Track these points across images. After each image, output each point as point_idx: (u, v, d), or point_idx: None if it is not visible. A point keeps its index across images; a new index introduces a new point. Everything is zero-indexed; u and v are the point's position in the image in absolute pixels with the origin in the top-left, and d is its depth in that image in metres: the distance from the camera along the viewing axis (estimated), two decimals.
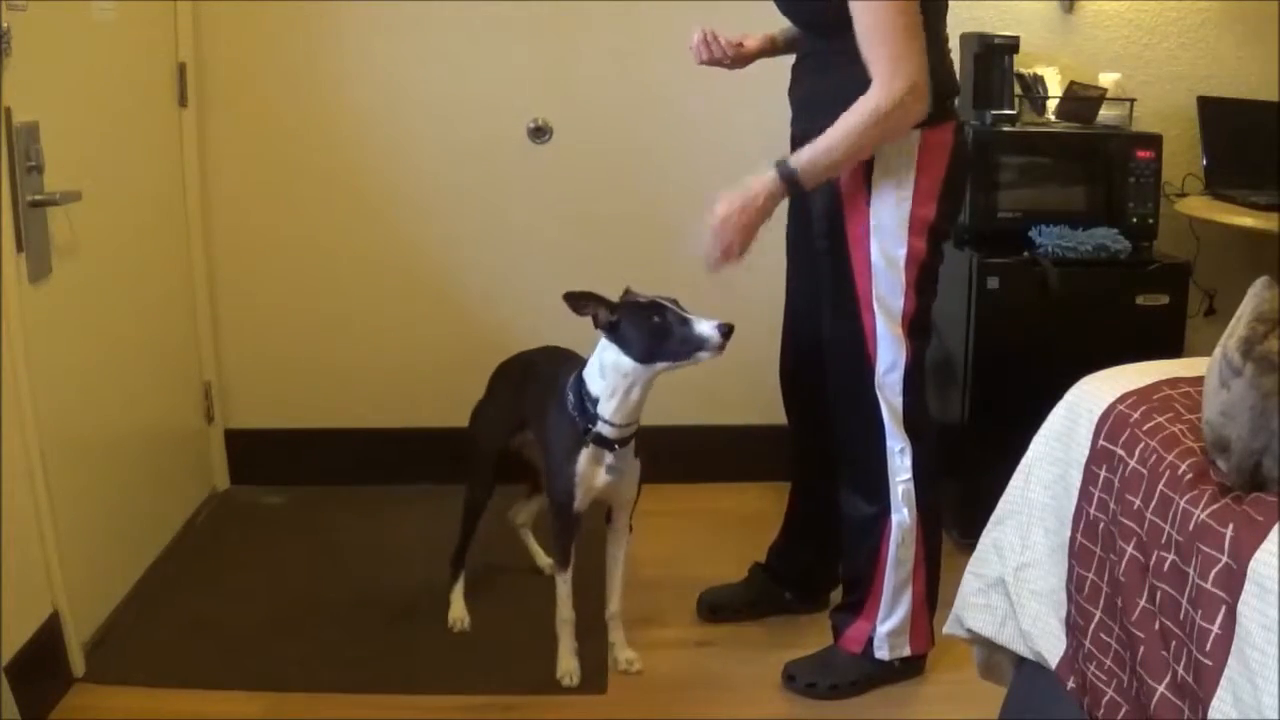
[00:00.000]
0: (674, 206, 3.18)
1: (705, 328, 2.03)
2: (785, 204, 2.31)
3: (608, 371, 2.11)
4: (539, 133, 3.11)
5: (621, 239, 3.17)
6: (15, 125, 2.05)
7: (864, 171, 2.03)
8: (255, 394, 3.23)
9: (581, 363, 2.19)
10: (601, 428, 2.13)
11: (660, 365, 2.08)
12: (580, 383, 2.15)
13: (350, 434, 3.25)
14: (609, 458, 2.16)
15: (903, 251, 2.06)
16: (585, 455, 2.16)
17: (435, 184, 3.14)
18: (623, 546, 2.32)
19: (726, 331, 2.02)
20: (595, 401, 2.13)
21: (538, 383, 2.35)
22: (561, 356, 2.36)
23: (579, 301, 2.08)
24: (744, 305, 3.11)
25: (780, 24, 2.21)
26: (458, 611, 2.51)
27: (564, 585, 2.28)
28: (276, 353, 3.21)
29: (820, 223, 2.15)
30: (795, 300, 2.40)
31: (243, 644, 2.41)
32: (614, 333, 2.08)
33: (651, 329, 2.05)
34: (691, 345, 2.04)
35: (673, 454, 3.23)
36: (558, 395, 2.20)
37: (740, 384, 3.21)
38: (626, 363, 2.08)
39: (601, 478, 2.18)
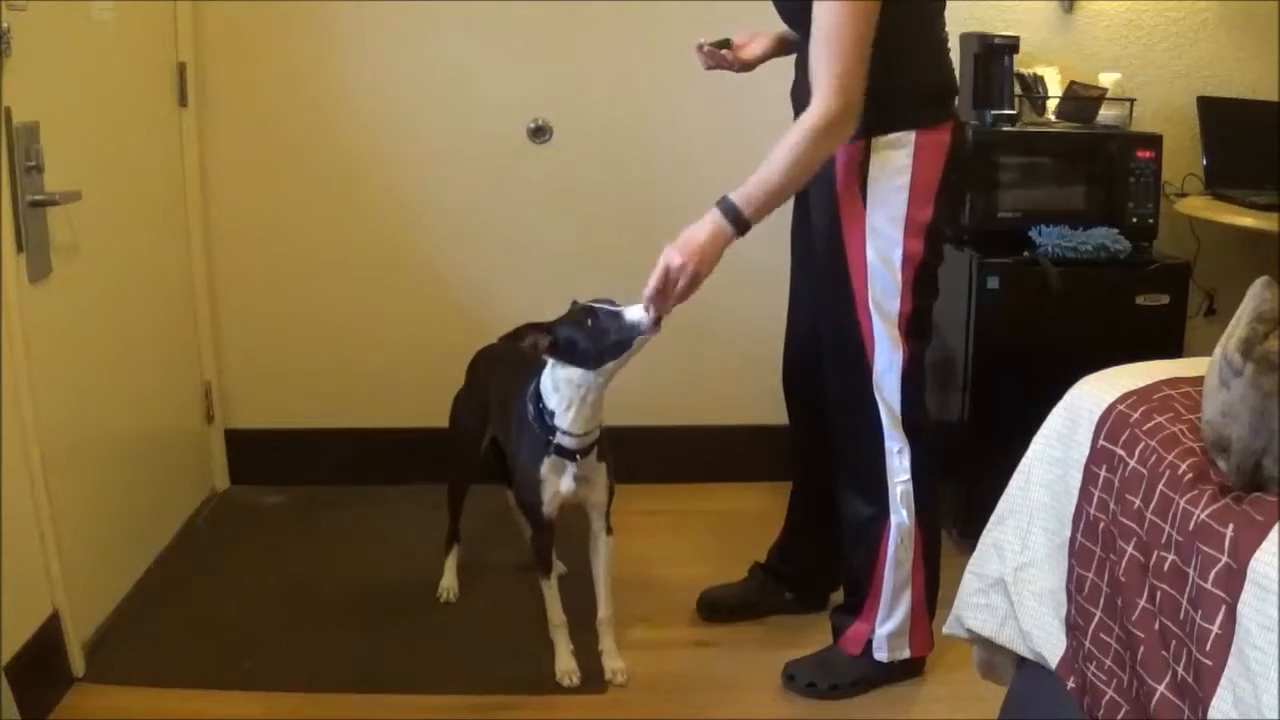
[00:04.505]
0: (674, 206, 3.18)
1: (635, 313, 2.03)
2: (787, 205, 2.33)
3: (560, 385, 2.12)
4: (539, 133, 3.11)
5: (621, 239, 3.17)
6: (15, 125, 2.05)
7: (860, 173, 2.03)
8: (255, 394, 3.23)
9: (540, 369, 2.19)
10: (561, 439, 2.15)
11: (609, 366, 2.09)
12: (538, 395, 2.17)
13: (350, 434, 3.25)
14: (571, 467, 2.18)
15: (898, 253, 2.06)
16: (548, 464, 2.18)
17: (435, 184, 3.14)
18: (603, 551, 2.31)
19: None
20: (552, 414, 2.14)
21: (500, 387, 2.40)
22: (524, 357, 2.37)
23: (516, 337, 2.10)
24: (747, 305, 3.14)
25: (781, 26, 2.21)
26: (448, 581, 2.60)
27: (549, 590, 2.30)
28: (276, 353, 3.21)
29: (818, 224, 2.15)
30: (797, 301, 2.40)
31: (243, 644, 2.41)
32: (557, 351, 2.10)
33: (588, 334, 2.06)
34: (627, 333, 2.04)
35: (673, 454, 3.26)
36: (518, 405, 2.22)
37: (741, 384, 3.21)
38: (576, 373, 2.10)
39: (566, 485, 2.20)
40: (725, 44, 2.29)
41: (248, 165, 3.10)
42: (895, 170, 2.02)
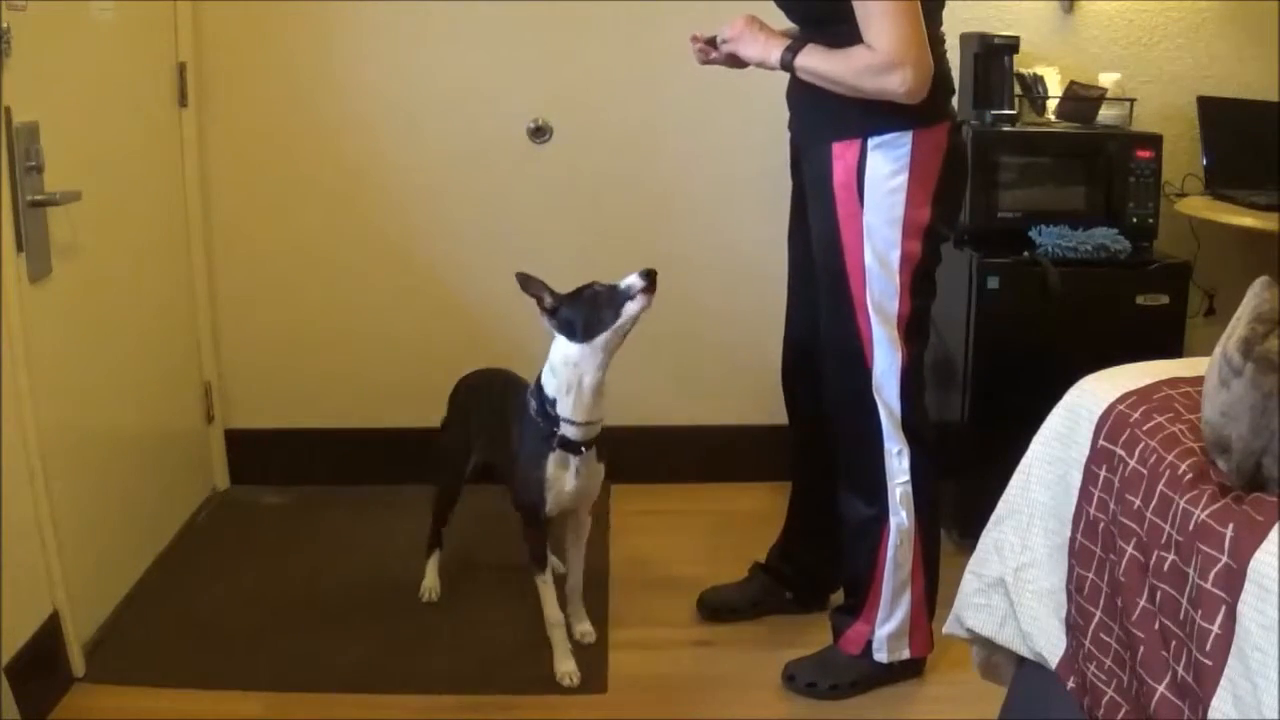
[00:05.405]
0: (674, 206, 3.20)
1: (627, 281, 2.09)
2: (787, 206, 2.33)
3: (558, 368, 2.16)
4: (539, 133, 3.11)
5: (622, 239, 3.17)
6: (15, 125, 2.05)
7: (857, 173, 2.03)
8: (255, 394, 3.23)
9: (530, 380, 2.25)
10: (565, 429, 2.18)
11: (600, 339, 2.12)
12: (539, 389, 2.20)
13: (350, 434, 3.25)
14: (575, 461, 2.20)
15: (896, 255, 2.05)
16: (553, 460, 2.20)
17: (435, 183, 3.14)
18: (584, 534, 2.37)
19: (647, 273, 2.08)
20: (554, 403, 2.17)
21: (486, 411, 2.44)
22: (508, 381, 2.43)
23: (528, 282, 2.16)
24: (746, 306, 3.14)
25: (784, 23, 2.21)
26: (430, 581, 2.62)
27: (544, 586, 2.31)
28: (276, 353, 3.21)
29: (816, 226, 2.15)
30: (796, 302, 2.40)
31: (243, 644, 2.42)
32: (555, 316, 2.15)
33: (584, 301, 2.12)
34: (619, 299, 2.09)
35: (673, 454, 3.26)
36: (518, 406, 2.26)
37: (740, 384, 3.21)
38: (572, 350, 2.14)
39: (570, 482, 2.22)
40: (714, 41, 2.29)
41: (248, 165, 3.09)
42: (892, 170, 2.01)
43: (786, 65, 2.04)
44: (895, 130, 1.99)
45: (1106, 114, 2.95)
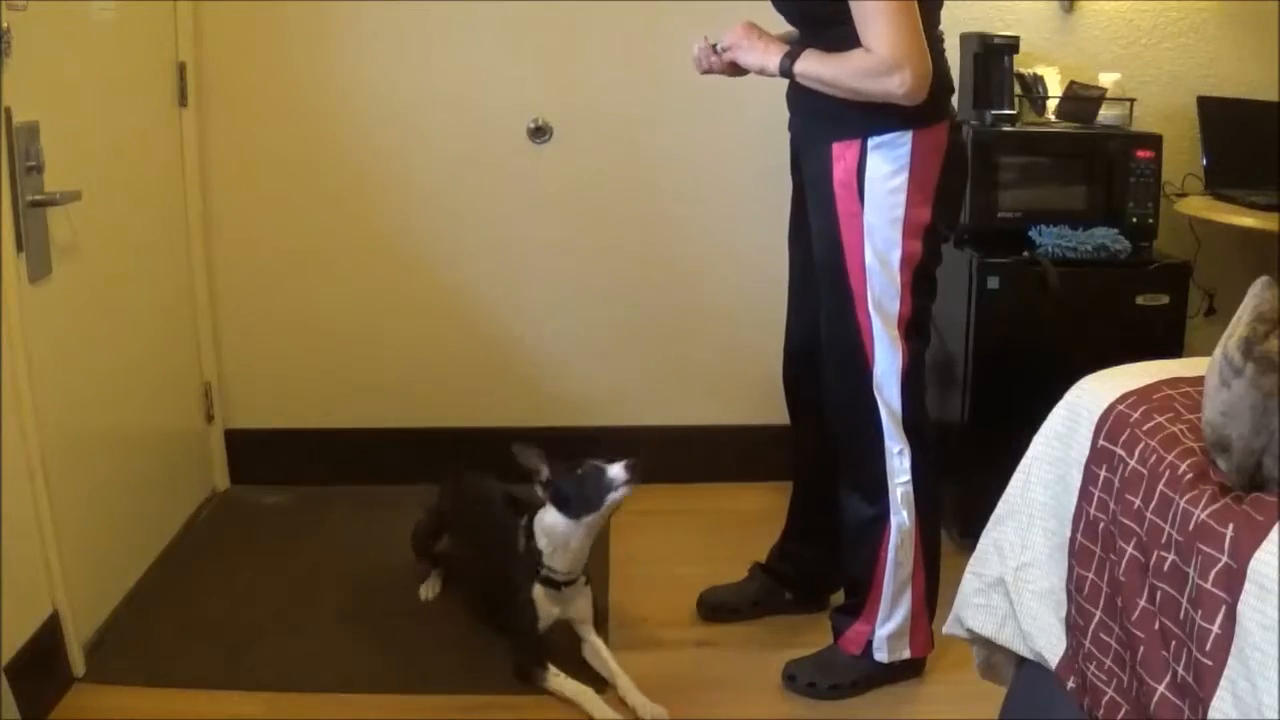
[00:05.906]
0: (674, 206, 3.20)
1: (613, 471, 2.20)
2: (787, 206, 2.33)
3: (548, 531, 2.28)
4: (539, 133, 3.11)
5: (622, 239, 3.17)
6: (15, 125, 2.05)
7: (857, 173, 2.03)
8: (255, 394, 3.23)
9: (525, 505, 2.36)
10: (548, 572, 2.27)
11: (587, 520, 2.24)
12: (530, 531, 2.30)
13: (350, 434, 3.25)
14: (556, 594, 2.30)
15: (897, 254, 2.05)
16: (537, 589, 2.28)
17: (435, 183, 3.14)
18: (603, 651, 2.33)
19: (631, 466, 2.20)
20: (540, 552, 2.28)
21: (475, 525, 2.52)
22: (501, 505, 2.48)
23: (527, 455, 2.27)
24: (747, 306, 3.14)
25: (783, 27, 2.21)
26: (429, 580, 2.65)
27: (555, 679, 2.24)
28: (276, 353, 3.21)
29: (816, 225, 2.15)
30: (797, 303, 2.40)
31: (243, 644, 2.42)
32: (548, 489, 2.27)
33: (577, 480, 2.23)
34: (605, 487, 2.20)
35: (673, 454, 3.25)
36: (508, 536, 2.34)
37: (741, 384, 3.21)
38: (560, 523, 2.25)
39: (558, 606, 2.31)
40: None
41: (248, 165, 3.09)
42: (892, 170, 2.01)
43: (786, 72, 2.04)
44: (895, 130, 1.99)
45: (1106, 114, 2.95)
